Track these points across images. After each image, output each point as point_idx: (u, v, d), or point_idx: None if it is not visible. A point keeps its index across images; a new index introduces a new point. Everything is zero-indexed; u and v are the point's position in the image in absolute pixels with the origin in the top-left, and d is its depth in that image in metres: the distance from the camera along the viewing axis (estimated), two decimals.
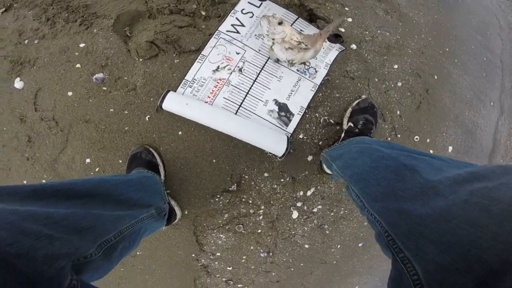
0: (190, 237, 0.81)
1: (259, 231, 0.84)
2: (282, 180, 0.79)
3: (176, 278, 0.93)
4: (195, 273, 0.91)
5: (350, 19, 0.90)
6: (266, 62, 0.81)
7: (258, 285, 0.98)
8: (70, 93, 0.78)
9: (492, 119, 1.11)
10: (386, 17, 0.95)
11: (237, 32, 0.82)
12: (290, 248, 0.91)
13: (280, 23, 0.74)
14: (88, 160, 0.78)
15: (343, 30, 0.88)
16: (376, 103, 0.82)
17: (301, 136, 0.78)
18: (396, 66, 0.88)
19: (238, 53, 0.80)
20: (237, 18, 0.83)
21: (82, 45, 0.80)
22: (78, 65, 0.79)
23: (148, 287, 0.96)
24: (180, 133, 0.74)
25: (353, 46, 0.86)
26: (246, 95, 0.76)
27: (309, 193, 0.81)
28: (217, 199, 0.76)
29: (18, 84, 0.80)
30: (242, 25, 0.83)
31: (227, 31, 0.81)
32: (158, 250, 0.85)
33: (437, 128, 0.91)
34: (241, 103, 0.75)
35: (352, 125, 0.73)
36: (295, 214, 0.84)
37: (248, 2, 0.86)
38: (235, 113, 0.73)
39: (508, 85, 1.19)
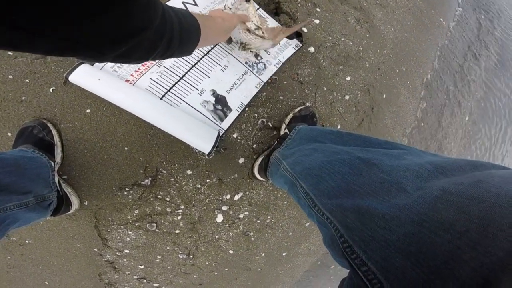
0: (90, 231, 0.76)
1: (177, 231, 0.82)
2: (208, 180, 0.78)
3: (76, 271, 0.88)
4: (99, 268, 0.87)
5: (317, 21, 0.90)
6: (212, 48, 0.77)
7: (177, 285, 0.98)
8: None
9: (420, 141, 1.23)
10: (355, 26, 0.98)
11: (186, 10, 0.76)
12: (213, 252, 0.92)
13: (247, 0, 0.71)
14: None
15: (305, 30, 0.88)
16: (320, 113, 0.84)
17: (235, 136, 0.77)
18: (348, 78, 0.92)
19: None
20: None
21: None
22: None
23: (45, 278, 0.90)
24: (88, 111, 0.67)
25: (311, 49, 0.87)
26: (179, 80, 0.72)
27: (236, 197, 0.82)
28: (125, 193, 0.72)
29: None
30: (195, 4, 0.78)
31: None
32: (52, 240, 0.78)
33: None
34: (171, 87, 0.71)
35: (288, 132, 0.74)
36: (219, 218, 0.84)
37: None
38: (161, 98, 0.69)
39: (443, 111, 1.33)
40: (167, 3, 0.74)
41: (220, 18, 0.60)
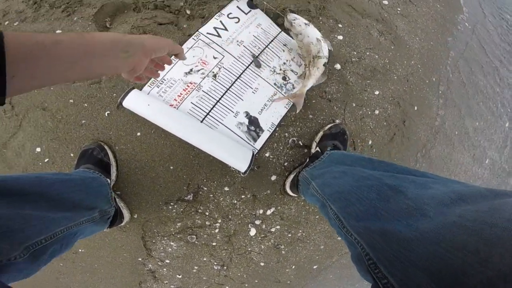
0: (137, 241, 0.84)
1: (214, 244, 0.88)
2: (243, 196, 0.82)
3: (120, 279, 0.95)
4: (140, 277, 0.94)
5: (341, 37, 0.93)
6: (243, 71, 0.83)
7: None
8: None
9: (459, 159, 1.18)
10: (379, 39, 0.99)
11: (218, 35, 0.84)
12: (245, 264, 0.95)
13: (307, 23, 0.80)
14: (38, 149, 0.78)
15: (330, 48, 0.91)
16: (349, 129, 0.86)
17: (267, 155, 0.81)
18: (377, 92, 0.93)
19: (215, 58, 0.82)
20: (221, 22, 0.84)
21: (58, 31, 0.81)
22: None
23: (89, 285, 0.98)
24: (138, 134, 0.75)
25: (337, 66, 0.90)
26: (216, 103, 0.78)
27: (269, 212, 0.86)
28: (170, 207, 0.79)
29: None
30: (225, 29, 0.85)
31: (207, 33, 0.82)
32: (102, 250, 0.87)
33: (407, 163, 0.97)
34: (210, 111, 0.77)
35: (319, 150, 0.77)
36: (252, 232, 0.88)
37: (237, 7, 0.87)
38: (201, 121, 0.75)
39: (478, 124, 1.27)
40: (200, 30, 0.81)
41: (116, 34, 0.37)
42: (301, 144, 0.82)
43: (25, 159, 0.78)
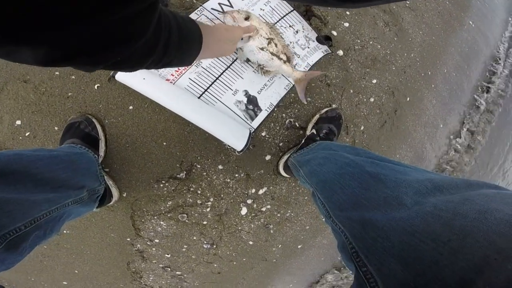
0: (126, 221, 0.84)
1: (205, 222, 0.90)
2: (236, 175, 0.85)
3: (107, 261, 0.96)
4: (128, 257, 0.95)
5: (347, 24, 0.94)
6: None
7: (198, 274, 1.06)
8: None
9: (440, 144, 1.28)
10: (384, 29, 1.01)
11: (222, 12, 0.81)
12: (235, 243, 1.00)
13: (246, 18, 0.74)
14: (18, 122, 0.74)
15: (335, 33, 0.92)
16: (344, 114, 0.90)
17: (263, 134, 0.83)
18: (374, 81, 0.97)
19: None
20: None
21: None
22: None
23: (75, 267, 0.97)
24: (131, 107, 0.73)
25: (340, 52, 0.92)
26: (215, 81, 0.78)
27: (260, 192, 0.89)
28: (161, 185, 0.79)
29: None
30: (230, 6, 0.82)
31: (211, 8, 0.79)
32: (88, 230, 0.86)
33: (393, 150, 1.04)
34: (208, 87, 0.76)
35: (314, 132, 0.80)
36: (244, 211, 0.91)
37: None
38: (198, 97, 0.75)
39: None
40: (204, 4, 0.79)
41: (222, 28, 0.60)
42: (298, 125, 0.85)
43: (3, 132, 0.74)
